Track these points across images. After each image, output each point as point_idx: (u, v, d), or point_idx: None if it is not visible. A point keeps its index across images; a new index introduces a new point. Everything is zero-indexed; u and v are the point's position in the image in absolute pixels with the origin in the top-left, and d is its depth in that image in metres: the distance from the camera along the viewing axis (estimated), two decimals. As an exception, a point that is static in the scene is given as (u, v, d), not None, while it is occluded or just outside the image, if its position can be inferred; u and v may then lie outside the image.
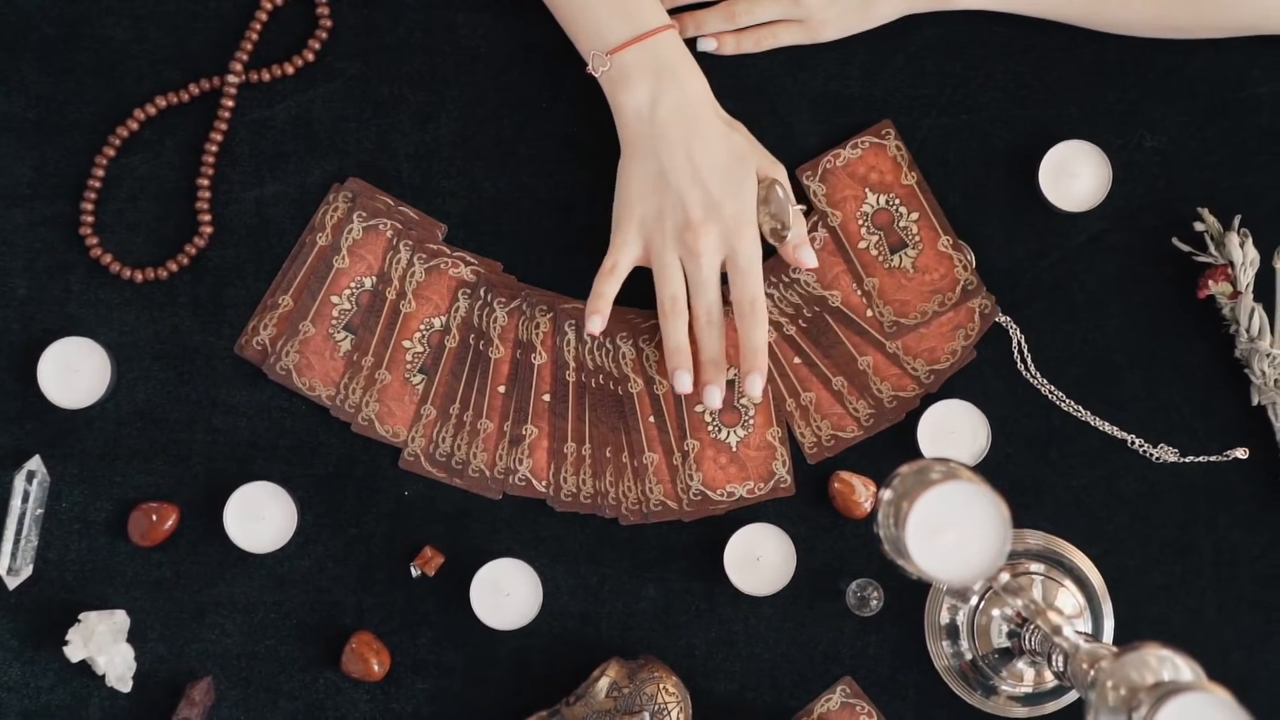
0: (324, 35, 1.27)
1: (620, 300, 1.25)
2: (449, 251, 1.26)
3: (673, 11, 1.26)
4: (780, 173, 1.21)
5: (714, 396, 1.20)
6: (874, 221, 1.26)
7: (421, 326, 1.25)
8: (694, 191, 1.18)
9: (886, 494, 1.02)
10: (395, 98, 1.27)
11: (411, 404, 1.25)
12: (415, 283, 1.25)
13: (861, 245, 1.25)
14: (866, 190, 1.26)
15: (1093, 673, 1.00)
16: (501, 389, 1.25)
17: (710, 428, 1.25)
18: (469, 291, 1.25)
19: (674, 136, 1.18)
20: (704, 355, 1.21)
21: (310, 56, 1.26)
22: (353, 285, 1.25)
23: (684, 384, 1.20)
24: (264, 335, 1.25)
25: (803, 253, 1.21)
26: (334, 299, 1.25)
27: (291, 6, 1.27)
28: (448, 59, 1.27)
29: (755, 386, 1.20)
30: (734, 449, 1.25)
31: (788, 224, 1.20)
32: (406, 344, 1.25)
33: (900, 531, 0.99)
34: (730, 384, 1.24)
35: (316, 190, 1.26)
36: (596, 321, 1.20)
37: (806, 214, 1.25)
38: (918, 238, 1.26)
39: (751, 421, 1.25)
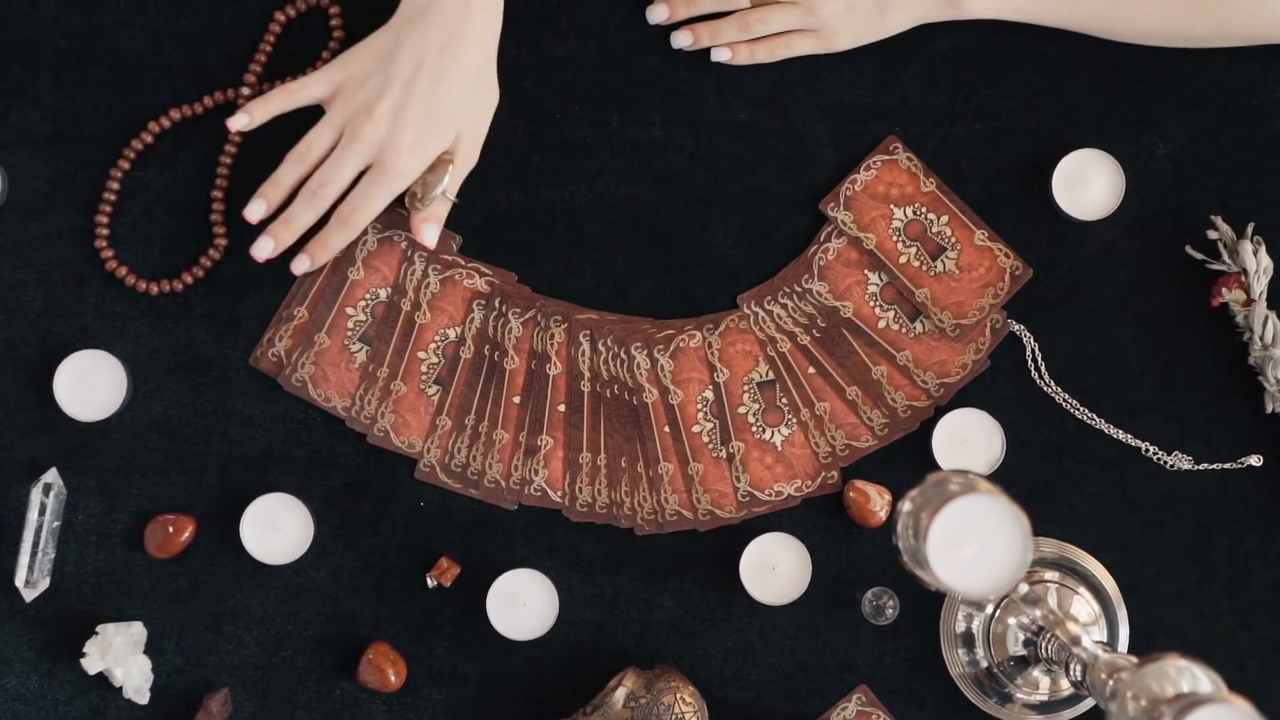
0: (336, 47, 1.26)
1: (633, 310, 1.25)
2: (463, 262, 1.26)
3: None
4: (466, 161, 1.21)
5: (264, 248, 1.20)
6: (907, 234, 1.26)
7: (436, 338, 1.25)
8: (398, 94, 1.17)
9: (906, 506, 1.01)
10: (409, 109, 1.27)
11: (427, 415, 1.25)
12: (430, 294, 1.25)
13: (902, 260, 1.25)
14: (891, 206, 1.26)
15: (1112, 683, 1.00)
16: (516, 399, 1.25)
17: (754, 429, 1.25)
18: (484, 302, 1.25)
19: (432, 38, 1.17)
20: (288, 213, 1.20)
21: (324, 68, 1.26)
22: (368, 297, 1.25)
23: (255, 212, 1.20)
24: (279, 347, 1.25)
25: (426, 228, 1.21)
26: (349, 311, 1.25)
27: (305, 18, 1.27)
28: (461, 70, 1.27)
29: (299, 265, 1.20)
30: (779, 448, 1.25)
31: (428, 198, 1.20)
32: (421, 355, 1.25)
33: (921, 544, 0.98)
34: (769, 383, 1.24)
35: (331, 202, 1.26)
36: (243, 119, 1.19)
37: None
38: (953, 239, 1.26)
39: (794, 421, 1.25)
